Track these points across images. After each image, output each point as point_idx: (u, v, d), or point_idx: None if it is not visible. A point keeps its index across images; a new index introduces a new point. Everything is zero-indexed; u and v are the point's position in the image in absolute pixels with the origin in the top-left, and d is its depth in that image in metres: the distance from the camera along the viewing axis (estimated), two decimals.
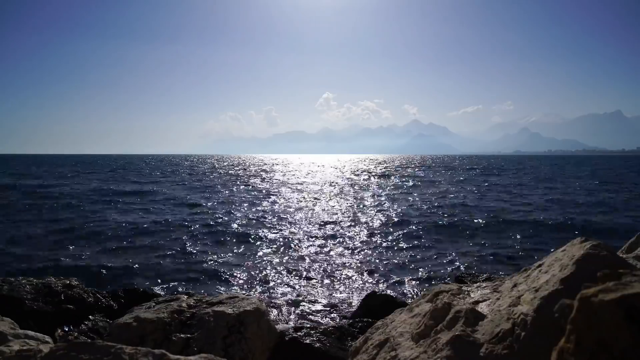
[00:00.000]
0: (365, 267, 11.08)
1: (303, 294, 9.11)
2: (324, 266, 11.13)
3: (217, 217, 19.09)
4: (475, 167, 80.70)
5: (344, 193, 30.49)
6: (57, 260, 11.44)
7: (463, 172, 61.94)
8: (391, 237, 14.61)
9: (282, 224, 17.32)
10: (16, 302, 4.75)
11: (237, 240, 14.17)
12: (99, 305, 5.29)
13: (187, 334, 3.83)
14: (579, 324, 1.08)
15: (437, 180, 44.27)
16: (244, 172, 62.79)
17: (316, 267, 11.02)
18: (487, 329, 2.23)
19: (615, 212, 20.63)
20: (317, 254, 12.34)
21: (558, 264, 2.28)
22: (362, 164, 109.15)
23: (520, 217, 18.99)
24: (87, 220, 17.51)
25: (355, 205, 22.99)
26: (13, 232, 15.01)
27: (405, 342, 2.58)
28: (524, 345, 2.03)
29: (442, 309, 2.59)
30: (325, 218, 18.89)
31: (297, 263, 11.44)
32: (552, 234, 15.40)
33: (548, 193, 29.62)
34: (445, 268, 11.00)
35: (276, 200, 25.43)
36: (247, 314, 4.08)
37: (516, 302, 2.27)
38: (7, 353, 2.54)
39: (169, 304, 4.27)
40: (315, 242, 13.85)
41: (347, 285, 9.69)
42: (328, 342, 4.27)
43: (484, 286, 2.80)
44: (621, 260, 2.18)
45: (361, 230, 16.00)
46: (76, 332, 4.58)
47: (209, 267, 11.04)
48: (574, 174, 54.18)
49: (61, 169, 66.88)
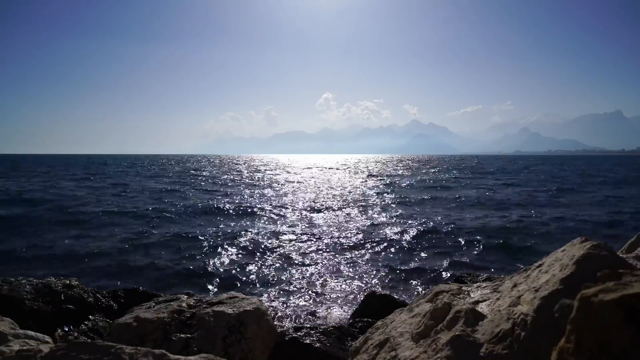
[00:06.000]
0: (365, 267, 11.08)
1: (303, 293, 9.11)
2: (324, 266, 11.13)
3: (218, 217, 19.10)
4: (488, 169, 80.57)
5: (344, 193, 30.48)
6: (57, 260, 11.44)
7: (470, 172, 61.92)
8: (391, 237, 14.61)
9: (282, 224, 17.32)
10: (16, 302, 4.74)
11: (237, 240, 14.17)
12: (99, 305, 5.29)
13: (187, 334, 3.83)
14: (579, 324, 1.08)
15: (441, 179, 44.30)
16: (246, 172, 62.76)
17: (316, 267, 11.02)
18: (487, 329, 2.23)
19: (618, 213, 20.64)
20: (317, 254, 12.34)
21: (558, 264, 2.28)
22: (362, 164, 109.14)
23: (520, 216, 18.99)
24: (86, 220, 17.52)
25: (355, 206, 22.99)
26: (13, 233, 15.03)
27: (405, 342, 2.58)
28: (524, 345, 2.03)
29: (442, 309, 2.59)
30: (326, 218, 18.89)
31: (297, 263, 11.44)
32: (553, 233, 15.41)
33: (551, 193, 29.64)
34: (445, 268, 11.00)
35: (276, 201, 25.43)
36: (247, 314, 4.08)
37: (516, 302, 2.26)
38: (7, 353, 2.54)
39: (169, 304, 4.27)
40: (315, 242, 13.85)
41: (347, 285, 9.69)
42: (328, 342, 4.27)
43: (484, 286, 2.80)
44: (621, 260, 2.18)
45: (361, 230, 16.00)
46: (76, 332, 4.58)
47: (209, 267, 11.04)
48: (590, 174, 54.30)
49: (63, 168, 66.89)
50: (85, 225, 16.64)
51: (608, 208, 22.05)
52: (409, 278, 10.23)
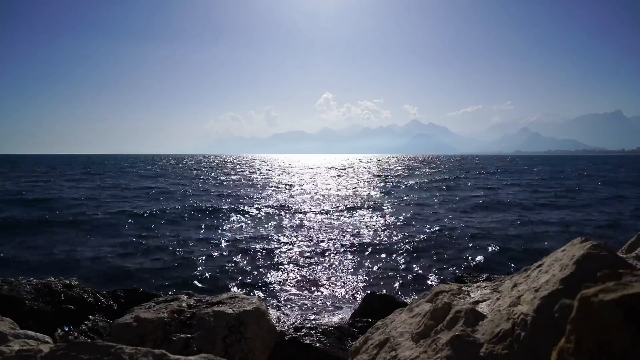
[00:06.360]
0: (365, 268, 11.09)
1: (303, 293, 9.11)
2: (324, 266, 11.13)
3: (218, 217, 19.10)
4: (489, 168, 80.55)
5: (344, 193, 30.48)
6: (56, 260, 11.44)
7: (470, 172, 61.92)
8: (391, 238, 14.61)
9: (283, 225, 17.32)
10: (16, 302, 4.74)
11: (237, 241, 14.17)
12: (99, 305, 5.29)
13: (187, 334, 3.83)
14: (579, 324, 1.08)
15: (442, 179, 44.30)
16: (246, 172, 62.76)
17: (316, 267, 11.02)
18: (487, 329, 2.23)
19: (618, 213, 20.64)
20: (317, 254, 12.34)
21: (558, 264, 2.27)
22: (363, 164, 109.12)
23: (520, 216, 18.99)
24: (86, 220, 17.52)
25: (356, 206, 22.99)
26: (13, 232, 15.02)
27: (405, 342, 2.58)
28: (524, 345, 2.03)
29: (442, 309, 2.59)
30: (326, 219, 18.89)
31: (297, 263, 11.44)
32: (553, 233, 15.41)
33: (551, 193, 29.64)
34: (445, 268, 11.00)
35: (277, 201, 25.43)
36: (247, 314, 4.08)
37: (516, 302, 2.26)
38: (7, 353, 2.54)
39: (169, 304, 4.27)
40: (315, 242, 13.85)
41: (347, 285, 9.69)
42: (328, 342, 4.27)
43: (484, 286, 2.80)
44: (621, 260, 2.18)
45: (362, 230, 16.00)
46: (76, 332, 4.58)
47: (209, 268, 11.04)
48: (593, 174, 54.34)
49: (63, 169, 66.89)
50: (85, 226, 16.63)
51: (608, 208, 22.06)
52: (409, 278, 10.23)
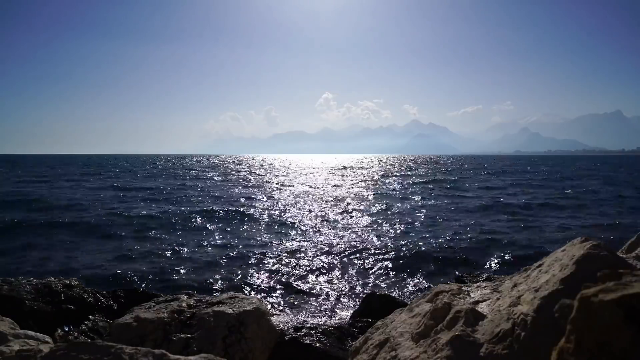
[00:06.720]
0: (365, 268, 11.08)
1: (303, 293, 9.11)
2: (324, 266, 11.13)
3: (218, 217, 19.09)
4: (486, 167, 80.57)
5: (344, 193, 30.48)
6: (56, 261, 11.44)
7: (470, 172, 61.91)
8: (391, 238, 14.61)
9: (283, 225, 17.32)
10: (16, 302, 4.74)
11: (237, 241, 14.17)
12: (99, 305, 5.29)
13: (187, 334, 3.83)
14: (579, 324, 1.08)
15: (442, 179, 44.29)
16: (246, 173, 62.77)
17: (316, 267, 11.02)
18: (487, 329, 2.23)
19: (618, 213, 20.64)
20: (317, 254, 12.34)
21: (558, 264, 2.27)
22: (364, 164, 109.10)
23: (520, 216, 18.99)
24: (86, 220, 17.51)
25: (355, 207, 22.99)
26: (13, 233, 15.02)
27: (405, 342, 2.58)
28: (524, 345, 2.03)
29: (442, 309, 2.59)
30: (326, 219, 18.89)
31: (297, 263, 11.44)
32: (553, 233, 15.41)
33: (552, 192, 29.64)
34: (445, 268, 11.00)
35: (277, 202, 25.43)
36: (247, 314, 4.08)
37: (516, 302, 2.26)
38: (7, 353, 2.54)
39: (169, 304, 4.27)
40: (315, 243, 13.85)
41: (347, 285, 9.69)
42: (328, 342, 4.27)
43: (484, 286, 2.80)
44: (621, 260, 2.18)
45: (361, 230, 16.00)
46: (76, 332, 4.58)
47: (209, 268, 11.04)
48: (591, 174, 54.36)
49: (62, 169, 66.87)
50: (85, 226, 16.62)
51: (608, 208, 22.06)
52: (409, 278, 10.23)
